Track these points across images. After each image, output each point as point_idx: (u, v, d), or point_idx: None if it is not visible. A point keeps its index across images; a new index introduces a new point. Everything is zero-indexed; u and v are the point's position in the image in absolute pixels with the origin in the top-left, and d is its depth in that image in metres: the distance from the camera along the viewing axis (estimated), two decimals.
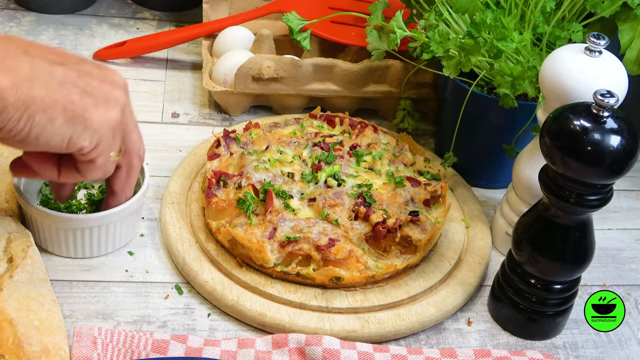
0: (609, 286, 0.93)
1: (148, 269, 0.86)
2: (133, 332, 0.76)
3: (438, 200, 0.92)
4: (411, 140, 1.01)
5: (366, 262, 0.84)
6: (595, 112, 0.71)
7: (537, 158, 0.85)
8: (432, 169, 0.97)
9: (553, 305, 0.83)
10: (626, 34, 0.92)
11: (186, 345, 0.75)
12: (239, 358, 0.75)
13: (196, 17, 1.24)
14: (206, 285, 0.83)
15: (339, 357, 0.75)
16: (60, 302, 0.79)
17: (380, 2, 1.03)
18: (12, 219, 0.83)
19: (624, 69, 0.81)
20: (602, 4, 0.91)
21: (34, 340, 0.69)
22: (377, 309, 0.83)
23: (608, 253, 0.98)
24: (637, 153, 0.72)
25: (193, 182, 0.95)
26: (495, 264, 0.92)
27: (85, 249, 0.84)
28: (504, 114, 0.93)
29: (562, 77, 0.79)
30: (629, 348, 0.85)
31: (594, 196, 0.74)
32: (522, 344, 0.84)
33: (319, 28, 1.11)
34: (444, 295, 0.85)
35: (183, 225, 0.89)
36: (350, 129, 1.00)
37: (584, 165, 0.71)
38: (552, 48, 0.91)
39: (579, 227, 0.78)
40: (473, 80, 0.94)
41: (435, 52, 0.92)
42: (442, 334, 0.84)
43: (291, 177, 0.90)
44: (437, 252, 0.90)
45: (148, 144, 1.01)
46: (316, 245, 0.82)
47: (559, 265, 0.79)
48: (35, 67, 0.59)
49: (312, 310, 0.81)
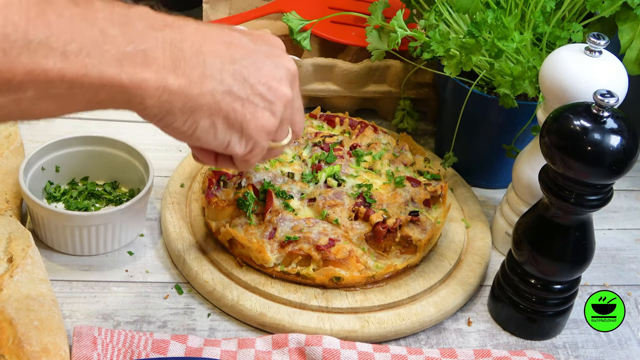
0: (609, 286, 0.93)
1: (148, 269, 0.86)
2: (133, 332, 0.76)
3: (438, 200, 0.92)
4: (411, 140, 1.01)
5: (366, 262, 0.84)
6: (595, 112, 0.71)
7: (537, 158, 0.85)
8: (432, 169, 0.97)
9: (553, 305, 0.83)
10: (626, 34, 0.92)
11: (186, 345, 0.75)
12: (239, 358, 0.75)
13: (196, 17, 1.22)
14: (206, 285, 0.83)
15: (339, 357, 0.75)
16: (60, 302, 0.79)
17: (380, 2, 1.03)
18: (12, 219, 0.83)
19: (624, 69, 0.81)
20: (602, 4, 0.91)
21: (34, 340, 0.69)
22: (377, 309, 0.83)
23: (608, 253, 0.98)
24: (637, 153, 0.72)
25: (193, 182, 0.95)
26: (495, 264, 0.91)
27: (92, 247, 0.85)
28: (504, 114, 0.93)
29: (562, 77, 0.79)
30: (629, 348, 0.85)
31: (594, 196, 0.74)
32: (522, 344, 0.84)
33: (319, 28, 1.11)
34: (444, 295, 0.85)
35: (183, 225, 0.89)
36: (350, 129, 1.00)
37: (584, 165, 0.71)
38: (552, 48, 0.91)
39: (579, 227, 0.78)
40: (473, 80, 0.94)
41: (436, 51, 0.92)
42: (442, 334, 0.84)
43: (291, 177, 0.90)
44: (437, 252, 0.90)
45: (148, 144, 1.01)
46: (316, 245, 0.82)
47: (559, 265, 0.79)
48: (206, 70, 0.58)
49: (312, 310, 0.81)
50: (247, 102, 0.61)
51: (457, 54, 0.90)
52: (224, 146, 0.63)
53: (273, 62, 0.64)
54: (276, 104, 0.63)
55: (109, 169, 0.93)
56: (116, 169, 0.93)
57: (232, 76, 0.60)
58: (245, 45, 0.63)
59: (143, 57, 0.54)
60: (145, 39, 0.54)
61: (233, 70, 0.60)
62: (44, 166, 0.89)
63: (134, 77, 0.53)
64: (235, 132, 0.62)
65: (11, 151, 0.91)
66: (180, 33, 0.58)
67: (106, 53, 0.52)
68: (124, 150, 0.91)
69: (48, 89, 0.50)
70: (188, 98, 0.58)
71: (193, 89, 0.57)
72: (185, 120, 0.59)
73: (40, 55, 0.48)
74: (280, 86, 0.63)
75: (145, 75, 0.54)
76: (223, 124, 0.61)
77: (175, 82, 0.56)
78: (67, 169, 0.91)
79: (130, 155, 0.91)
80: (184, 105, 0.58)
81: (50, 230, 0.84)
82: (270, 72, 0.63)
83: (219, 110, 0.60)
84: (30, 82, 0.49)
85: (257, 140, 0.64)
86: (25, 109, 0.51)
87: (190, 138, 0.62)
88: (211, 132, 0.61)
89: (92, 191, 0.92)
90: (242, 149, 0.64)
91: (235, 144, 0.63)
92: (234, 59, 0.61)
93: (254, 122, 0.62)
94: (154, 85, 0.55)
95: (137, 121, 1.12)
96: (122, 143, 0.91)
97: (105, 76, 0.52)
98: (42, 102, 0.51)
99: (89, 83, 0.51)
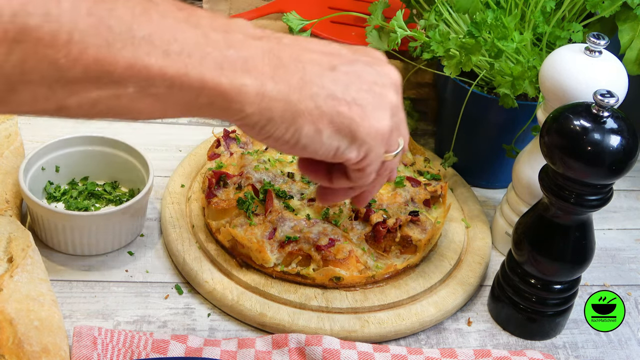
0: (609, 286, 0.93)
1: (148, 269, 0.86)
2: (133, 332, 0.76)
3: (438, 200, 0.92)
4: (411, 140, 1.01)
5: (366, 262, 0.84)
6: (595, 112, 0.71)
7: (537, 158, 0.85)
8: (432, 169, 0.97)
9: (553, 305, 0.83)
10: (626, 34, 0.92)
11: (186, 345, 0.75)
12: (239, 358, 0.75)
13: None
14: (206, 285, 0.83)
15: (339, 357, 0.75)
16: (60, 302, 0.79)
17: (380, 2, 1.03)
18: (12, 219, 0.83)
19: (624, 69, 0.81)
20: (602, 4, 0.91)
21: (34, 340, 0.69)
22: (377, 309, 0.83)
23: (608, 253, 0.98)
24: (637, 153, 0.72)
25: (193, 182, 0.95)
26: (495, 264, 0.91)
27: (92, 247, 0.85)
28: (504, 114, 0.93)
29: (562, 77, 0.79)
30: (629, 348, 0.85)
31: (594, 196, 0.74)
32: (522, 344, 0.84)
33: (319, 28, 1.11)
34: (444, 295, 0.85)
35: (183, 225, 0.89)
36: None
37: (584, 165, 0.71)
38: (552, 48, 0.91)
39: (579, 227, 0.78)
40: (473, 80, 0.94)
41: (436, 51, 0.92)
42: (442, 334, 0.84)
43: (291, 177, 0.90)
44: (437, 252, 0.90)
45: (148, 144, 1.01)
46: (316, 245, 0.82)
47: (559, 265, 0.79)
48: (306, 76, 0.57)
49: (312, 310, 0.81)
50: (353, 105, 0.59)
51: (457, 54, 0.90)
52: (332, 153, 0.60)
53: (375, 70, 0.62)
54: (385, 106, 0.61)
55: (109, 169, 0.93)
56: (116, 169, 0.93)
57: (332, 82, 0.58)
58: (345, 55, 0.61)
59: (243, 63, 0.53)
60: (245, 46, 0.54)
61: (333, 77, 0.58)
62: (44, 166, 0.89)
63: (234, 81, 0.53)
64: (344, 137, 0.59)
65: (11, 151, 0.91)
66: (278, 43, 0.57)
67: (207, 55, 0.51)
68: (124, 150, 0.91)
69: (148, 87, 0.50)
70: (288, 104, 0.56)
71: (292, 94, 0.56)
72: (287, 128, 0.57)
73: (142, 51, 0.49)
74: (385, 91, 0.61)
75: (245, 81, 0.53)
76: (329, 128, 0.58)
77: (274, 88, 0.55)
78: (67, 169, 0.91)
79: (130, 155, 0.91)
80: (284, 112, 0.56)
81: (50, 230, 0.84)
82: (373, 79, 0.61)
83: (321, 114, 0.57)
84: (131, 77, 0.49)
85: (371, 145, 0.60)
86: (124, 105, 0.51)
87: (295, 147, 0.59)
88: (317, 138, 0.58)
89: (92, 191, 0.92)
90: (355, 155, 0.60)
91: (345, 149, 0.60)
92: (333, 65, 0.59)
93: (364, 124, 0.59)
94: (253, 91, 0.54)
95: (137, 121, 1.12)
96: (122, 143, 0.91)
97: (205, 78, 0.51)
98: (142, 101, 0.51)
99: (188, 84, 0.51)
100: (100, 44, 0.47)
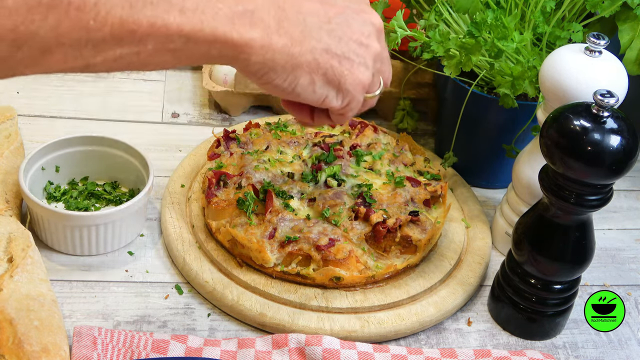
0: (609, 286, 0.93)
1: (148, 269, 0.86)
2: (133, 332, 0.76)
3: (438, 200, 0.92)
4: (411, 140, 1.01)
5: (366, 262, 0.84)
6: (595, 112, 0.71)
7: (537, 158, 0.85)
8: (432, 169, 0.97)
9: (553, 305, 0.83)
10: (626, 34, 0.92)
11: (186, 345, 0.75)
12: (239, 358, 0.75)
13: None
14: (206, 285, 0.83)
15: (339, 357, 0.75)
16: (60, 302, 0.79)
17: (380, 2, 1.02)
18: (12, 219, 0.83)
19: (624, 69, 0.81)
20: (602, 4, 0.91)
21: (34, 340, 0.69)
22: (377, 309, 0.83)
23: (608, 253, 0.98)
24: (637, 153, 0.72)
25: (193, 182, 0.95)
26: (495, 264, 0.91)
27: (92, 247, 0.85)
28: (504, 114, 0.93)
29: (562, 77, 0.79)
30: (629, 348, 0.85)
31: (594, 196, 0.74)
32: (522, 344, 0.84)
33: None
34: (444, 295, 0.85)
35: (183, 225, 0.89)
36: (350, 129, 1.00)
37: (584, 165, 0.71)
38: (552, 48, 0.91)
39: (579, 227, 0.78)
40: (473, 80, 0.94)
41: (436, 51, 0.92)
42: (442, 334, 0.84)
43: (291, 177, 0.90)
44: (437, 252, 0.90)
45: (148, 144, 1.01)
46: (316, 245, 0.82)
47: (559, 265, 0.79)
48: (306, 29, 0.62)
49: (312, 310, 0.81)
50: (343, 59, 0.65)
51: (457, 54, 0.90)
52: (321, 101, 0.67)
53: (361, 18, 0.68)
54: (368, 59, 0.67)
55: (108, 169, 0.93)
56: (116, 169, 0.93)
57: (328, 35, 0.64)
58: (337, 2, 0.67)
59: (251, 17, 0.58)
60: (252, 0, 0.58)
61: (329, 29, 0.64)
62: (44, 166, 0.89)
63: (244, 35, 0.57)
64: (332, 88, 0.66)
65: (11, 151, 0.91)
66: None
67: (219, 11, 0.55)
68: (124, 150, 0.91)
69: (166, 43, 0.54)
70: (290, 56, 0.61)
71: (294, 47, 0.61)
72: (286, 77, 0.63)
73: (161, 9, 0.52)
74: (369, 41, 0.67)
75: (253, 35, 0.58)
76: (322, 80, 0.65)
77: (279, 42, 0.60)
78: (67, 169, 0.91)
79: (130, 155, 0.91)
80: (285, 63, 0.62)
81: (50, 230, 0.84)
82: (359, 29, 0.67)
83: (317, 67, 0.64)
84: (151, 35, 0.53)
85: (354, 94, 0.68)
86: (143, 60, 0.55)
87: (290, 94, 0.65)
88: (310, 88, 0.65)
89: (92, 191, 0.92)
90: (339, 103, 0.68)
91: (332, 98, 0.67)
92: (329, 17, 0.65)
93: (350, 78, 0.66)
94: (259, 44, 0.59)
95: (137, 121, 1.13)
96: (122, 143, 0.91)
97: (218, 33, 0.56)
98: (160, 55, 0.55)
99: (203, 38, 0.55)
100: (124, 5, 0.50)
